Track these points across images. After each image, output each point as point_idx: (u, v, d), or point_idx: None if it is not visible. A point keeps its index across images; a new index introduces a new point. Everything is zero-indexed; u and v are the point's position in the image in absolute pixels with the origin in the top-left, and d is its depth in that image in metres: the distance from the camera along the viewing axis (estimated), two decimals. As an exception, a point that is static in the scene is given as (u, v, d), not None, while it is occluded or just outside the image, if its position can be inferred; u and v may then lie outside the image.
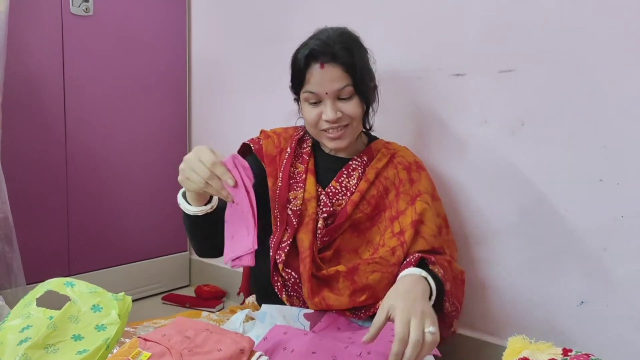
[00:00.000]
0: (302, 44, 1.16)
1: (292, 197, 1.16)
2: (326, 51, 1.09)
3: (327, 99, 1.11)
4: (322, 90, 1.10)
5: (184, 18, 1.95)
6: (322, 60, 1.09)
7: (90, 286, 0.92)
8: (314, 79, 1.10)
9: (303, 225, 1.13)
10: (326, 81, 1.10)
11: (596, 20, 1.11)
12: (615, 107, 1.11)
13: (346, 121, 1.13)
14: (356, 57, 1.12)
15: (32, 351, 0.78)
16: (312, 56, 1.10)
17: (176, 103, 1.97)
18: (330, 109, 1.10)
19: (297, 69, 1.13)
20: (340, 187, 1.18)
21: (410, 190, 1.20)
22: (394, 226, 1.16)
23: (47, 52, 1.61)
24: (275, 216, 1.15)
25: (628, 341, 1.13)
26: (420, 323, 0.83)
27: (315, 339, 0.91)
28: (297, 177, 1.19)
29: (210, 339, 0.81)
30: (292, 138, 1.24)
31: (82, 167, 1.71)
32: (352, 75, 1.10)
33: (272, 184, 1.18)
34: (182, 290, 2.00)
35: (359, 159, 1.21)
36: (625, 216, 1.11)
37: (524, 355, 0.81)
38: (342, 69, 1.10)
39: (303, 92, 1.14)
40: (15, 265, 1.41)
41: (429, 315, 0.86)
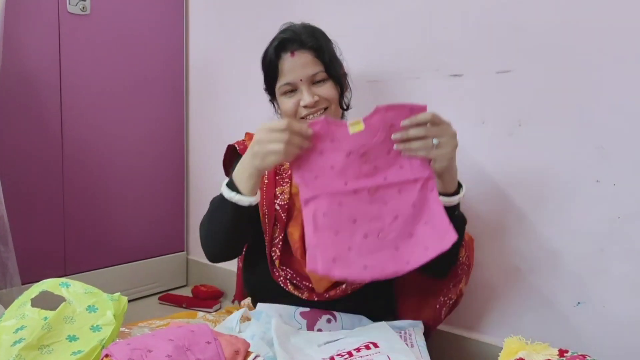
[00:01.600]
0: (270, 43, 1.18)
1: (279, 192, 1.16)
2: (294, 39, 1.12)
3: (302, 86, 1.12)
4: (296, 77, 1.11)
5: (181, 17, 1.95)
6: (292, 48, 1.11)
7: (86, 287, 0.92)
8: (286, 68, 1.12)
9: (292, 219, 1.13)
10: (298, 68, 1.11)
11: (593, 21, 1.11)
12: (612, 108, 1.11)
13: (324, 104, 1.13)
14: (323, 43, 1.14)
15: (26, 352, 0.78)
16: (281, 46, 1.12)
17: (174, 102, 1.96)
18: (307, 94, 1.10)
19: (269, 63, 1.15)
20: None
21: None
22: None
23: (44, 50, 1.60)
24: (263, 213, 1.16)
25: (625, 342, 1.13)
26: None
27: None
28: (282, 173, 1.20)
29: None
30: None
31: (79, 167, 1.71)
32: (322, 60, 1.12)
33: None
34: (179, 290, 2.00)
35: None
36: (622, 217, 1.11)
37: (520, 356, 0.81)
38: (312, 54, 1.12)
39: (279, 86, 1.14)
40: (11, 265, 1.41)
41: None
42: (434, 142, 0.92)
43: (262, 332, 0.98)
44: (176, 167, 2.00)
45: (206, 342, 0.81)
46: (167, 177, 1.97)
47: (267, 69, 1.16)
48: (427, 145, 0.92)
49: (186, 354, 0.78)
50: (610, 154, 1.12)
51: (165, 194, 1.97)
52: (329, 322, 1.11)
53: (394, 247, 0.92)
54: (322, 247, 0.89)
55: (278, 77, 1.14)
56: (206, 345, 0.81)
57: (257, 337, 0.96)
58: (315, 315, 1.11)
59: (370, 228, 0.92)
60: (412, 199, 0.93)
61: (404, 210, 0.92)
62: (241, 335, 0.96)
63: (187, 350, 0.78)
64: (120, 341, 0.81)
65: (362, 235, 0.91)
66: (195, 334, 0.83)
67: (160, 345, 0.78)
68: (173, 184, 2.00)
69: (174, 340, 0.80)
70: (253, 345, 0.91)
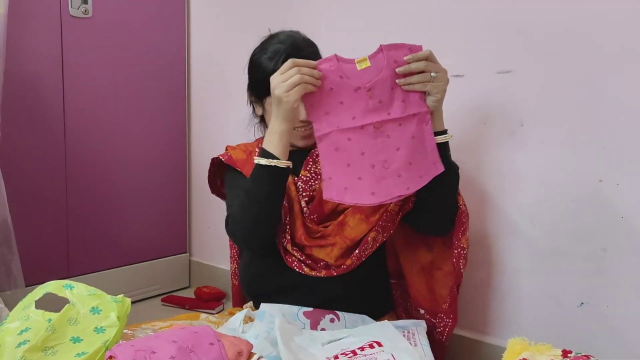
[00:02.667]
0: (262, 49, 1.17)
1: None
2: (298, 55, 1.07)
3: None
4: None
5: (182, 20, 1.95)
6: None
7: (90, 288, 0.93)
8: None
9: (289, 209, 1.15)
10: None
11: (595, 21, 1.11)
12: (615, 107, 1.10)
13: None
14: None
15: (30, 354, 0.78)
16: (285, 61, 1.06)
17: (175, 104, 1.97)
18: (302, 110, 1.08)
19: (263, 74, 1.12)
20: (310, 174, 1.20)
21: None
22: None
23: (46, 54, 1.60)
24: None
25: (628, 342, 1.13)
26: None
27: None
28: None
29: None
30: (257, 144, 1.28)
31: (82, 169, 1.71)
32: None
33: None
34: (182, 291, 2.00)
35: None
36: (625, 217, 1.11)
37: (523, 356, 0.81)
38: None
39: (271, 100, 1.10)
40: (15, 267, 1.41)
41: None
42: (432, 75, 1.02)
43: (266, 331, 0.98)
44: (178, 169, 2.00)
45: (209, 344, 0.81)
46: (170, 179, 1.98)
47: (263, 79, 1.12)
48: (425, 79, 1.02)
49: (189, 355, 0.78)
50: (613, 154, 1.11)
51: (167, 195, 1.97)
52: (332, 321, 1.11)
53: (397, 174, 1.03)
54: (336, 178, 1.02)
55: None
56: (209, 346, 0.81)
57: (261, 337, 0.96)
58: (319, 314, 1.11)
59: (377, 159, 1.03)
60: (411, 131, 1.04)
61: (405, 142, 1.04)
62: (245, 336, 0.97)
63: (190, 351, 0.79)
64: (124, 343, 0.81)
65: (370, 165, 1.03)
66: (199, 335, 0.83)
67: (163, 347, 0.78)
68: (175, 186, 2.00)
69: (177, 341, 0.80)
70: (257, 345, 0.91)
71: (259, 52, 1.18)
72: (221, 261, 1.91)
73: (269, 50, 1.15)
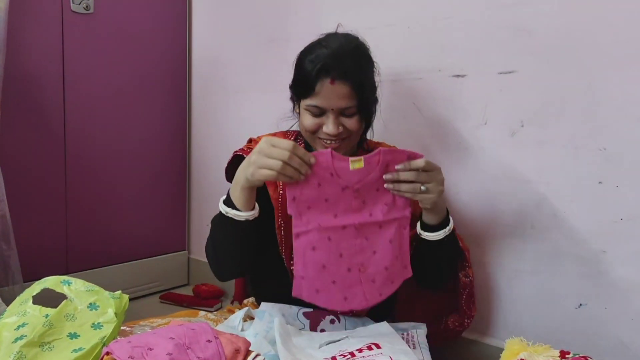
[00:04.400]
0: (309, 49, 1.12)
1: None
2: (339, 67, 1.06)
3: (331, 114, 1.09)
4: (329, 106, 1.08)
5: (184, 16, 1.95)
6: (333, 76, 1.06)
7: (87, 284, 0.92)
8: (322, 93, 1.07)
9: None
10: (334, 98, 1.07)
11: (596, 22, 1.11)
12: (615, 109, 1.10)
13: (345, 135, 1.12)
14: (365, 76, 1.11)
15: (27, 349, 0.78)
16: (323, 70, 1.06)
17: (176, 101, 1.97)
18: (333, 124, 1.08)
19: (305, 79, 1.09)
20: None
21: None
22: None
23: (47, 49, 1.60)
24: (279, 225, 1.14)
25: (627, 344, 1.13)
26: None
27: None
28: None
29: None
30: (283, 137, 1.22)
31: (81, 165, 1.71)
32: (359, 95, 1.09)
33: (273, 191, 1.16)
34: (180, 289, 2.00)
35: None
36: (625, 219, 1.11)
37: (521, 357, 0.81)
38: (351, 87, 1.07)
39: (307, 103, 1.10)
40: (13, 263, 1.41)
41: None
42: (422, 189, 0.99)
43: (265, 330, 0.98)
44: (178, 166, 2.00)
45: (207, 341, 0.81)
46: (169, 177, 1.98)
47: (301, 81, 1.11)
48: (414, 189, 1.00)
49: (187, 352, 0.78)
50: (613, 156, 1.11)
51: (167, 193, 1.97)
52: (332, 322, 1.11)
53: (371, 280, 1.00)
54: (308, 279, 0.98)
55: (309, 95, 1.09)
56: (207, 343, 0.81)
57: (260, 335, 0.96)
58: (319, 315, 1.11)
59: (353, 262, 0.99)
60: (389, 235, 1.01)
61: (382, 246, 1.01)
62: (243, 334, 0.96)
63: (187, 348, 0.78)
64: (121, 339, 0.81)
65: (346, 269, 0.99)
66: (196, 332, 0.83)
67: (160, 343, 0.78)
68: (175, 183, 2.00)
69: (174, 338, 0.80)
70: (255, 344, 0.91)
71: (306, 51, 1.13)
72: (220, 259, 1.91)
73: (314, 53, 1.09)
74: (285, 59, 1.66)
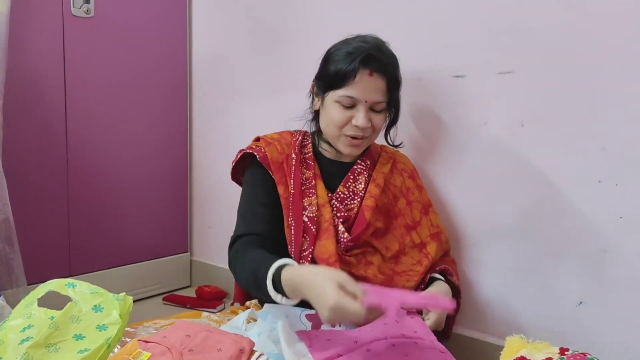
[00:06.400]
0: (345, 43, 1.13)
1: (306, 204, 1.15)
2: (380, 60, 1.08)
3: (362, 106, 1.11)
4: (363, 97, 1.10)
5: (184, 20, 1.96)
6: (373, 67, 1.08)
7: (92, 287, 0.93)
8: (359, 84, 1.09)
9: (322, 231, 1.13)
10: (370, 90, 1.09)
11: (596, 22, 1.12)
12: (615, 108, 1.11)
13: (369, 132, 1.15)
14: (399, 75, 1.14)
15: (33, 350, 0.79)
16: (365, 60, 1.08)
17: (177, 104, 1.98)
18: (364, 117, 1.10)
19: (341, 69, 1.09)
20: (348, 191, 1.19)
21: (420, 197, 1.27)
22: (412, 236, 1.23)
23: (48, 53, 1.61)
24: (289, 224, 1.14)
25: (626, 342, 1.14)
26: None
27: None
28: (307, 183, 1.18)
29: (210, 339, 0.82)
30: (293, 144, 1.22)
31: (83, 168, 1.72)
32: (391, 92, 1.12)
33: (284, 191, 1.16)
34: (183, 291, 2.01)
35: (363, 163, 1.23)
36: (624, 217, 1.12)
37: (521, 354, 0.82)
38: (387, 83, 1.11)
39: (339, 94, 1.11)
40: (17, 266, 1.41)
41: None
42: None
43: (268, 330, 0.99)
44: (180, 168, 2.01)
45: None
46: (171, 179, 1.98)
47: (335, 72, 1.11)
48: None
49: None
50: (612, 155, 1.12)
51: (168, 195, 1.98)
52: (333, 325, 1.12)
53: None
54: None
55: (344, 85, 1.10)
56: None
57: (264, 335, 0.97)
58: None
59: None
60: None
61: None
62: (247, 334, 0.97)
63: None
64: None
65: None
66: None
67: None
68: (177, 185, 2.01)
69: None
70: (259, 343, 0.91)
71: (340, 45, 1.14)
72: (222, 261, 1.92)
73: (351, 46, 1.11)
74: (286, 60, 1.68)
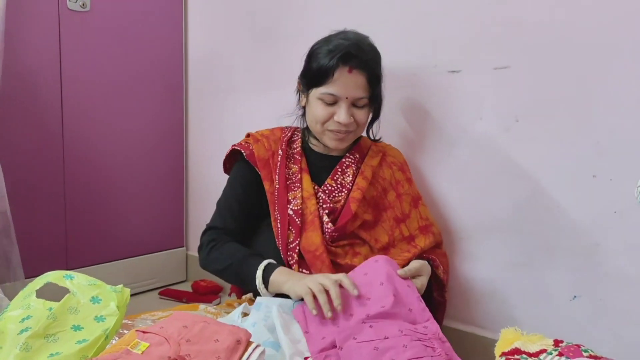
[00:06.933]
0: (326, 40, 1.15)
1: (291, 198, 1.18)
2: (359, 56, 1.10)
3: (343, 103, 1.12)
4: (344, 94, 1.11)
5: (180, 14, 1.96)
6: (352, 64, 1.10)
7: (89, 279, 0.94)
8: (339, 81, 1.11)
9: (308, 224, 1.15)
10: (350, 87, 1.11)
11: (590, 17, 1.13)
12: (609, 103, 1.12)
13: (353, 127, 1.16)
14: (379, 70, 1.15)
15: (32, 340, 0.79)
16: (344, 57, 1.09)
17: (173, 99, 1.98)
18: (345, 113, 1.12)
19: (322, 66, 1.11)
20: (335, 184, 1.21)
21: (410, 190, 1.28)
22: (402, 229, 1.24)
23: (44, 47, 1.61)
24: (275, 218, 1.16)
25: (620, 335, 1.15)
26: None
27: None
28: (292, 177, 1.20)
29: (207, 330, 0.82)
30: (281, 140, 1.25)
31: (80, 162, 1.72)
32: (372, 87, 1.13)
33: (269, 186, 1.19)
34: (179, 285, 2.01)
35: (351, 156, 1.25)
36: (618, 212, 1.13)
37: (515, 346, 0.83)
38: (367, 78, 1.12)
39: (321, 92, 1.13)
40: (14, 259, 1.42)
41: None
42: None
43: (263, 319, 1.00)
44: (176, 163, 2.01)
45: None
46: (167, 174, 1.99)
47: (317, 70, 1.13)
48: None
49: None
50: (606, 150, 1.13)
51: (165, 190, 1.98)
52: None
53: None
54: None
55: (325, 82, 1.11)
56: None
57: (259, 324, 0.98)
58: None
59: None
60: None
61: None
62: (243, 326, 0.98)
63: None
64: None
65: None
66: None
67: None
68: (172, 180, 2.01)
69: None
70: (255, 332, 0.92)
71: (322, 43, 1.16)
72: (218, 255, 1.92)
73: (332, 44, 1.12)
74: (281, 56, 1.68)
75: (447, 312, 1.32)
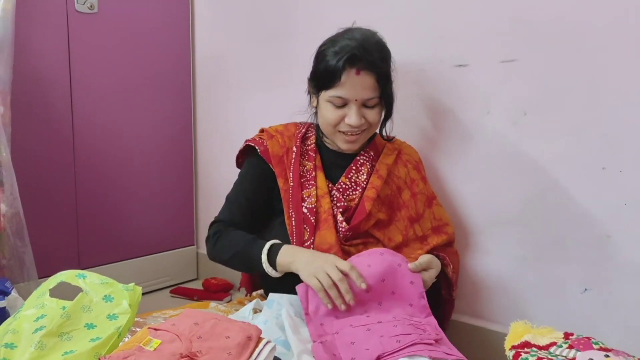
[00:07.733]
0: (332, 41, 1.14)
1: (305, 196, 1.17)
2: (365, 58, 1.08)
3: (353, 105, 1.12)
4: (353, 96, 1.11)
5: (187, 15, 1.97)
6: (360, 66, 1.09)
7: (102, 277, 0.95)
8: (347, 84, 1.10)
9: (322, 222, 1.14)
10: (358, 88, 1.10)
11: (597, 9, 1.12)
12: (617, 95, 1.11)
13: (365, 127, 1.16)
14: (388, 68, 1.14)
15: (47, 339, 0.80)
16: (350, 60, 1.08)
17: (181, 99, 1.99)
18: (356, 115, 1.11)
19: (329, 69, 1.10)
20: (350, 182, 1.20)
21: (424, 189, 1.27)
22: (415, 229, 1.23)
23: (53, 49, 1.62)
24: (290, 216, 1.16)
25: (631, 328, 1.14)
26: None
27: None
28: (306, 175, 1.20)
29: (218, 326, 0.83)
30: (295, 136, 1.25)
31: (90, 163, 1.74)
32: (382, 87, 1.12)
33: (283, 184, 1.19)
34: (190, 283, 2.03)
35: (366, 154, 1.24)
36: (628, 203, 1.12)
37: (525, 339, 0.83)
38: (376, 78, 1.10)
39: (330, 95, 1.12)
40: (27, 259, 1.43)
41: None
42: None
43: (274, 317, 1.01)
44: (185, 163, 2.02)
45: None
46: (177, 173, 2.00)
47: (324, 72, 1.12)
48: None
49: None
50: (616, 142, 1.12)
51: (174, 189, 2.00)
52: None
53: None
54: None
55: (333, 85, 1.11)
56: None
57: (270, 322, 0.99)
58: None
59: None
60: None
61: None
62: (254, 322, 0.99)
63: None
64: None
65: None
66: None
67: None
68: (182, 180, 2.02)
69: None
70: (266, 330, 0.93)
71: (328, 44, 1.14)
72: (228, 253, 1.93)
73: (338, 45, 1.11)
74: (288, 54, 1.69)
75: (458, 306, 1.32)
